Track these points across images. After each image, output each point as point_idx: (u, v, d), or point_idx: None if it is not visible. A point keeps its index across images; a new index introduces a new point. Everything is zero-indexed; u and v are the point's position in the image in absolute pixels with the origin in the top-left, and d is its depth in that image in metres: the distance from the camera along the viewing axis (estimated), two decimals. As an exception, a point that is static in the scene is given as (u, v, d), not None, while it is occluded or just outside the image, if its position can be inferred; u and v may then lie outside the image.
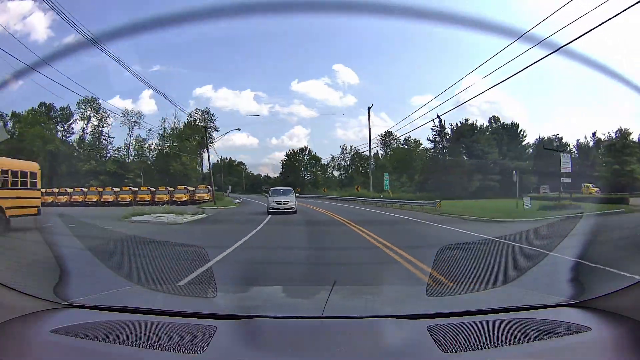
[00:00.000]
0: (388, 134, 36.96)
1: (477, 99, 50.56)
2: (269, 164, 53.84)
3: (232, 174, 42.26)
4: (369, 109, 31.04)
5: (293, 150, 41.00)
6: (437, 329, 1.33)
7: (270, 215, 16.92)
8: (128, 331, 1.32)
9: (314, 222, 14.86)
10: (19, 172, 11.87)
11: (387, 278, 5.36)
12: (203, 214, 19.01)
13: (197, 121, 30.91)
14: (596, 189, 28.91)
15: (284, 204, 18.90)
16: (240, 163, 44.50)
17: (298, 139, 60.92)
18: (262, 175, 45.65)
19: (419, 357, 1.23)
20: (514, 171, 21.85)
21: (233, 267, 6.18)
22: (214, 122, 33.56)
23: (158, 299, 2.00)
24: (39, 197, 12.72)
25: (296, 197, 20.46)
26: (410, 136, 37.48)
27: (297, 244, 9.14)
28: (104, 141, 34.66)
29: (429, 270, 3.58)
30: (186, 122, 32.51)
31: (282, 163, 41.40)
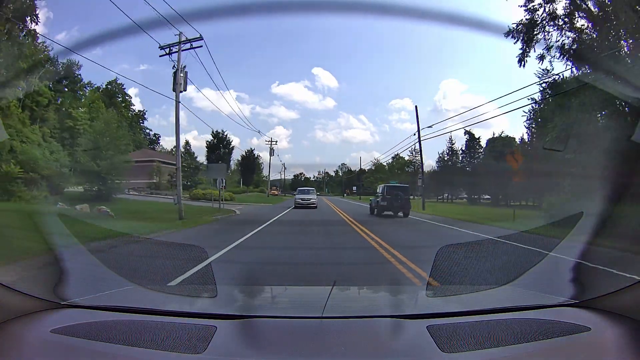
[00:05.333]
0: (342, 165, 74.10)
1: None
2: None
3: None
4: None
5: (296, 174, 72.88)
6: (437, 329, 1.33)
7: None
8: (128, 331, 1.32)
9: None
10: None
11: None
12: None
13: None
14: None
15: (307, 200, 25.02)
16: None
17: (279, 139, 63.02)
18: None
19: (419, 357, 1.23)
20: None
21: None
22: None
23: (158, 299, 1.99)
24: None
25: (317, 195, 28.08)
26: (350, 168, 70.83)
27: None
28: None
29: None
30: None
31: (291, 180, 71.34)
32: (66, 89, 23.52)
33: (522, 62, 14.58)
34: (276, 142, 56.48)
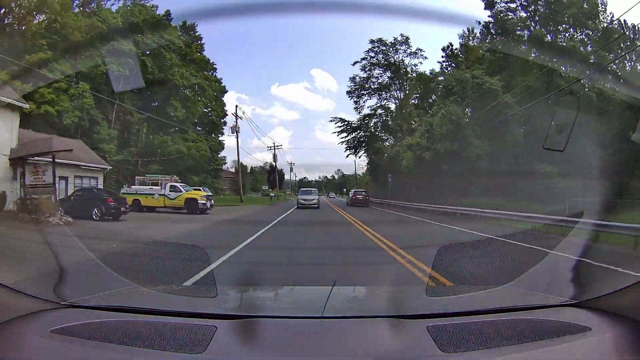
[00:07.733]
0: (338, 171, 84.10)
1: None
2: (251, 163, 66.34)
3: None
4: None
5: (301, 178, 79.76)
6: (437, 329, 1.33)
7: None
8: (128, 331, 1.32)
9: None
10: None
11: None
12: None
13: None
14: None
15: (309, 200, 25.38)
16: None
17: (279, 140, 65.20)
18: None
19: (419, 357, 1.23)
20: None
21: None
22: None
23: (158, 299, 1.99)
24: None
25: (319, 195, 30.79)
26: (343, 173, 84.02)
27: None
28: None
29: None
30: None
31: (297, 182, 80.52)
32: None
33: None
34: (294, 163, 66.63)
